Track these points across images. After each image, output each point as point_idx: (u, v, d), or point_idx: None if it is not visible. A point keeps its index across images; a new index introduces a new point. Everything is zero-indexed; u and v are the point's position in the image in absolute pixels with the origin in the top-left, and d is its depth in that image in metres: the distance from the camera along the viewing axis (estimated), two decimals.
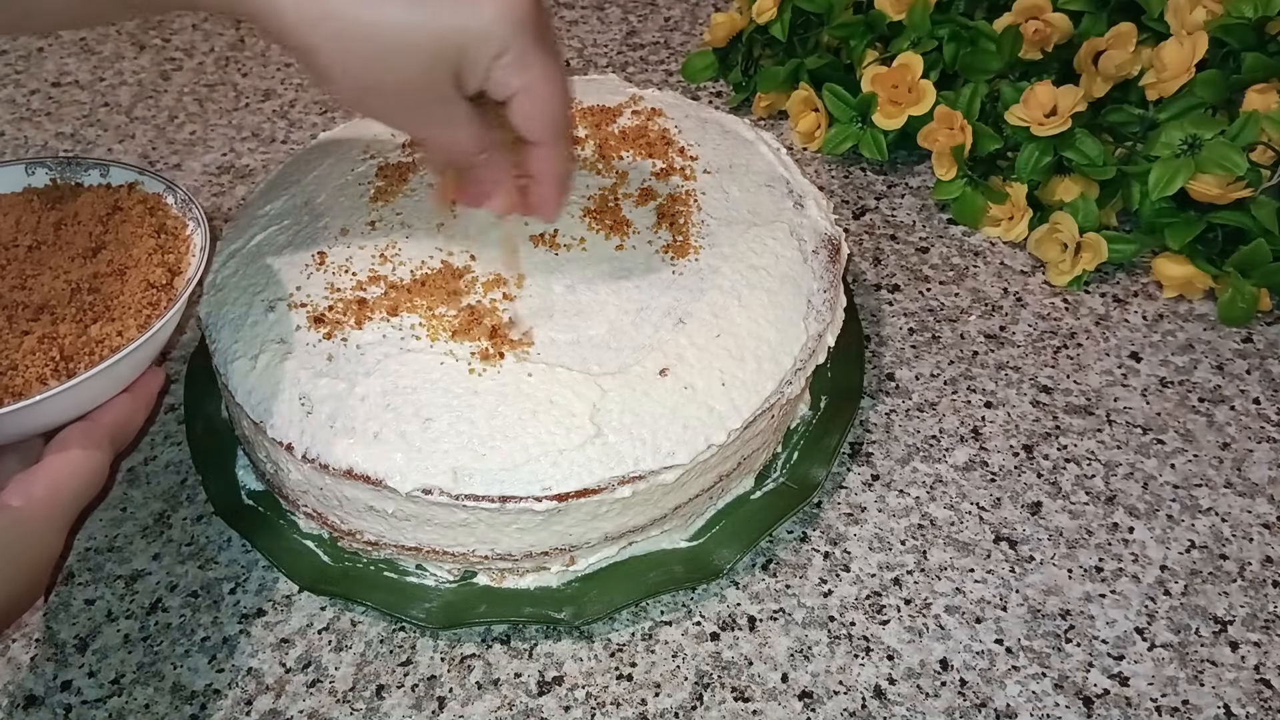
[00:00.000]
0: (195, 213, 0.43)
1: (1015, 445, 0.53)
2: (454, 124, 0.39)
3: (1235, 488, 0.51)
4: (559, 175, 0.42)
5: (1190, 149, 0.56)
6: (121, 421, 0.40)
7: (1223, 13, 0.58)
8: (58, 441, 0.38)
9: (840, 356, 0.53)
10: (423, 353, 0.44)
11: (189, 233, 0.43)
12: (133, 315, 0.40)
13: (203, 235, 0.42)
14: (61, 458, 0.38)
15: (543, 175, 0.42)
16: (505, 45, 0.36)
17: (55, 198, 0.45)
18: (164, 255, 0.42)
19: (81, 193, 0.45)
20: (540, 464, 0.41)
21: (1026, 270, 0.63)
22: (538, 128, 0.39)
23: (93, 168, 0.46)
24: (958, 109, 0.63)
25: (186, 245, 0.43)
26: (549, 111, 0.39)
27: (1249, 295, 0.57)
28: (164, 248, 0.43)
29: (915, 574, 0.47)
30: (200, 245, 0.42)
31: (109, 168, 0.46)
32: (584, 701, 0.43)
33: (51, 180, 0.46)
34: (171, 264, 0.42)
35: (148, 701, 0.43)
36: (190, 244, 0.43)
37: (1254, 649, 0.44)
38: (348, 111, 0.77)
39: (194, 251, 0.42)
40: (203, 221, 0.43)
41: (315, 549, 0.47)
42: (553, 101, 0.39)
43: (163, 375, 0.42)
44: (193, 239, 0.43)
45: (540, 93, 0.38)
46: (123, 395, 0.40)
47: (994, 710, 0.42)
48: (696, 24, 0.88)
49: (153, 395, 0.41)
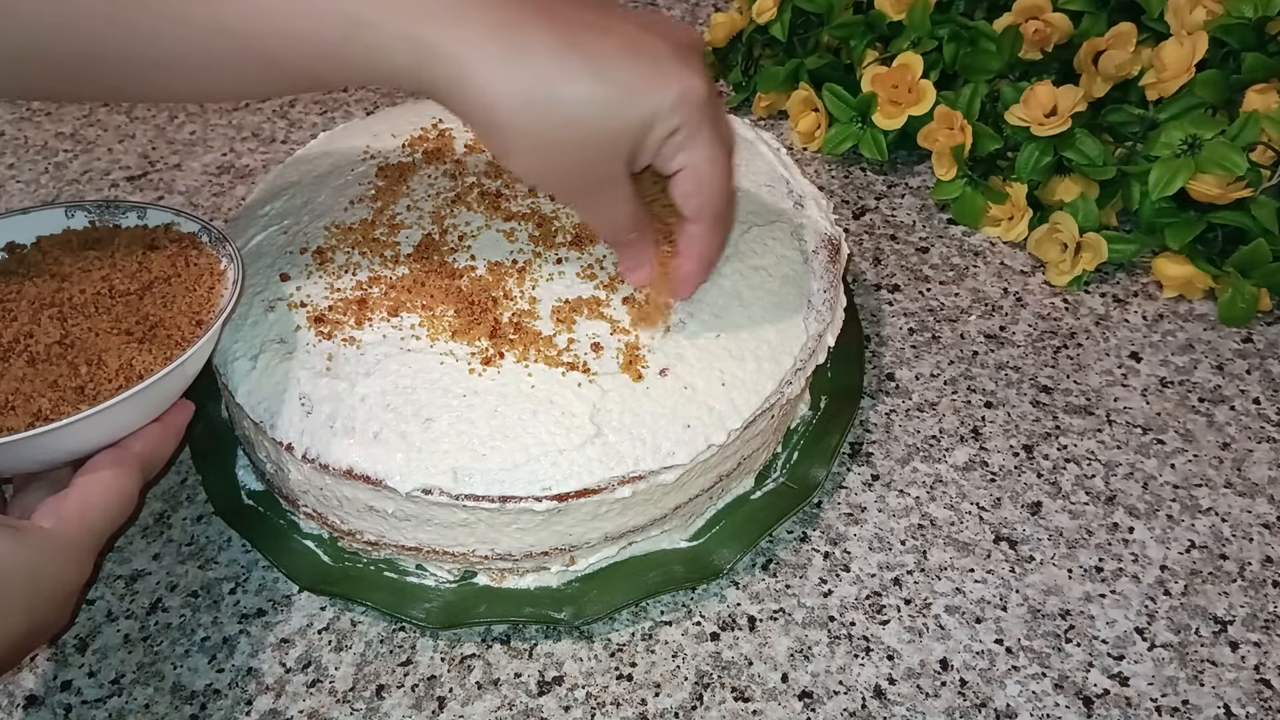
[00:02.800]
0: (229, 249, 0.45)
1: (1015, 445, 0.53)
2: (618, 203, 0.39)
3: (1235, 488, 0.51)
4: (706, 255, 0.43)
5: (1190, 149, 0.56)
6: (151, 449, 0.40)
7: (1223, 13, 0.58)
8: (89, 465, 0.38)
9: (840, 356, 0.53)
10: (423, 353, 0.44)
11: (223, 268, 0.45)
12: (164, 347, 0.41)
13: (235, 270, 0.44)
14: (93, 479, 0.37)
15: (690, 253, 0.43)
16: (680, 124, 0.36)
17: (94, 238, 0.46)
18: (197, 290, 0.43)
19: (119, 233, 0.47)
20: (540, 464, 0.41)
21: (1026, 270, 0.63)
22: (694, 205, 0.40)
23: (130, 210, 0.47)
24: (958, 109, 0.63)
25: (219, 279, 0.44)
26: (709, 192, 0.39)
27: (1249, 295, 0.57)
28: (198, 283, 0.44)
29: (915, 574, 0.47)
30: (233, 279, 0.43)
31: (146, 210, 0.47)
32: (584, 701, 0.43)
33: (90, 223, 0.47)
34: (204, 298, 0.43)
35: (148, 701, 0.43)
36: (224, 278, 0.44)
37: (1254, 649, 0.44)
38: (348, 111, 0.77)
39: (226, 285, 0.44)
40: (236, 257, 0.44)
41: (315, 549, 0.47)
42: (714, 183, 0.39)
43: (192, 407, 0.42)
44: (226, 273, 0.44)
45: (704, 172, 0.38)
46: (153, 424, 0.40)
47: (994, 710, 0.42)
48: (696, 24, 0.88)
49: (181, 427, 0.42)
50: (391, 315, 0.45)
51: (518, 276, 0.47)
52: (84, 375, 0.39)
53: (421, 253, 0.48)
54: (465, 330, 0.44)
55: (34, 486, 0.40)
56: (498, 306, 0.45)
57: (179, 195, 0.70)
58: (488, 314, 0.45)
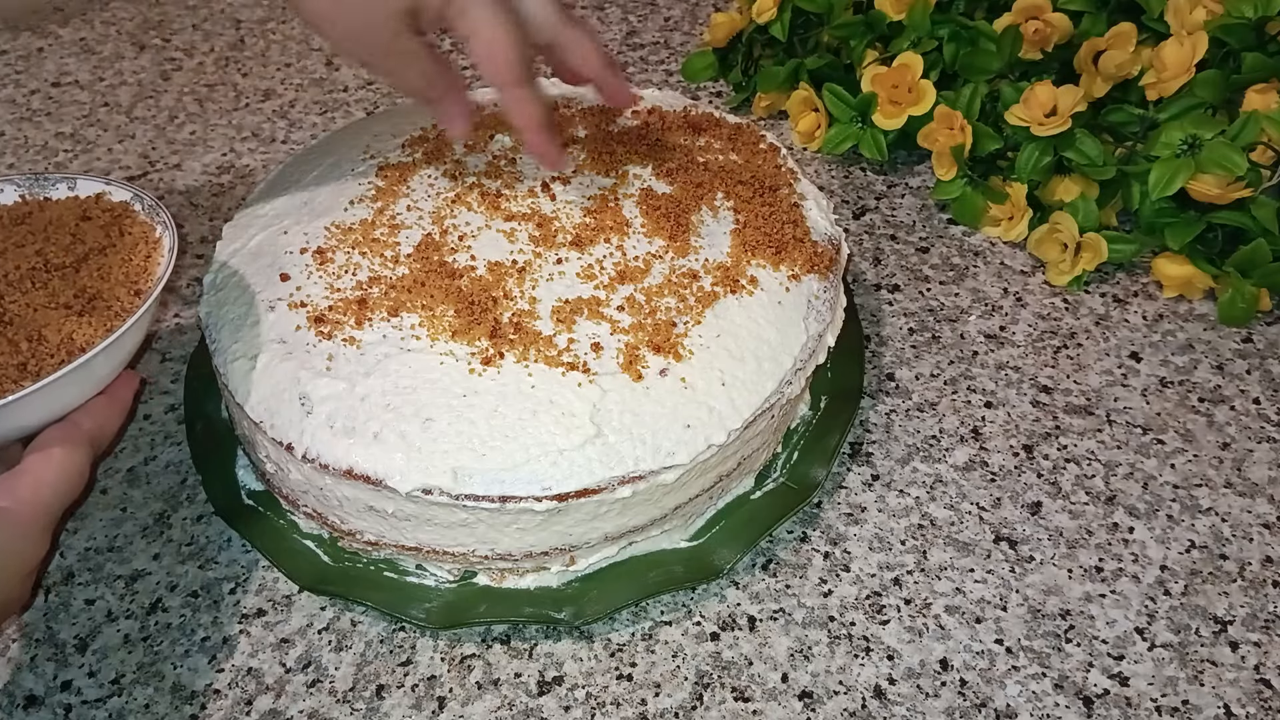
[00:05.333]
0: (163, 216, 0.44)
1: (1015, 445, 0.53)
2: (411, 62, 0.43)
3: (1235, 488, 0.51)
4: (532, 119, 0.44)
5: (1190, 149, 0.56)
6: (99, 424, 0.40)
7: (1223, 13, 0.58)
8: (38, 442, 0.39)
9: (840, 356, 0.53)
10: (423, 353, 0.44)
11: (158, 235, 0.44)
12: (104, 318, 0.40)
13: (171, 238, 0.43)
14: (43, 457, 0.38)
15: (519, 123, 0.44)
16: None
17: (25, 212, 0.46)
18: (133, 259, 0.43)
19: (50, 205, 0.46)
20: (540, 464, 0.41)
21: (1026, 270, 0.63)
22: (489, 71, 0.42)
23: (60, 181, 0.47)
24: (958, 109, 0.63)
25: (155, 248, 0.44)
26: (495, 55, 0.42)
27: (1249, 295, 0.57)
28: (133, 252, 0.44)
29: (915, 574, 0.47)
30: (169, 247, 0.43)
31: (76, 180, 0.47)
32: (584, 701, 0.43)
33: (20, 197, 0.47)
34: (141, 267, 0.43)
35: (148, 701, 0.43)
36: (160, 246, 0.44)
37: (1254, 649, 0.44)
38: (348, 111, 0.77)
39: (163, 253, 0.43)
40: (170, 225, 0.44)
41: (315, 549, 0.47)
42: (497, 44, 0.41)
43: (138, 378, 0.43)
44: (162, 241, 0.44)
45: (485, 37, 0.41)
46: (99, 398, 0.41)
47: (994, 710, 0.42)
48: (696, 24, 0.88)
49: (128, 399, 0.42)
50: (391, 315, 0.45)
51: (518, 276, 0.47)
52: (25, 351, 0.39)
53: (421, 253, 0.48)
54: (465, 330, 0.44)
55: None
56: (498, 306, 0.45)
57: (179, 195, 0.70)
58: (488, 314, 0.45)
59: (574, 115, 0.57)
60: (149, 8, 0.91)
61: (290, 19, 0.89)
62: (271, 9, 0.91)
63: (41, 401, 0.37)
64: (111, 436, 0.41)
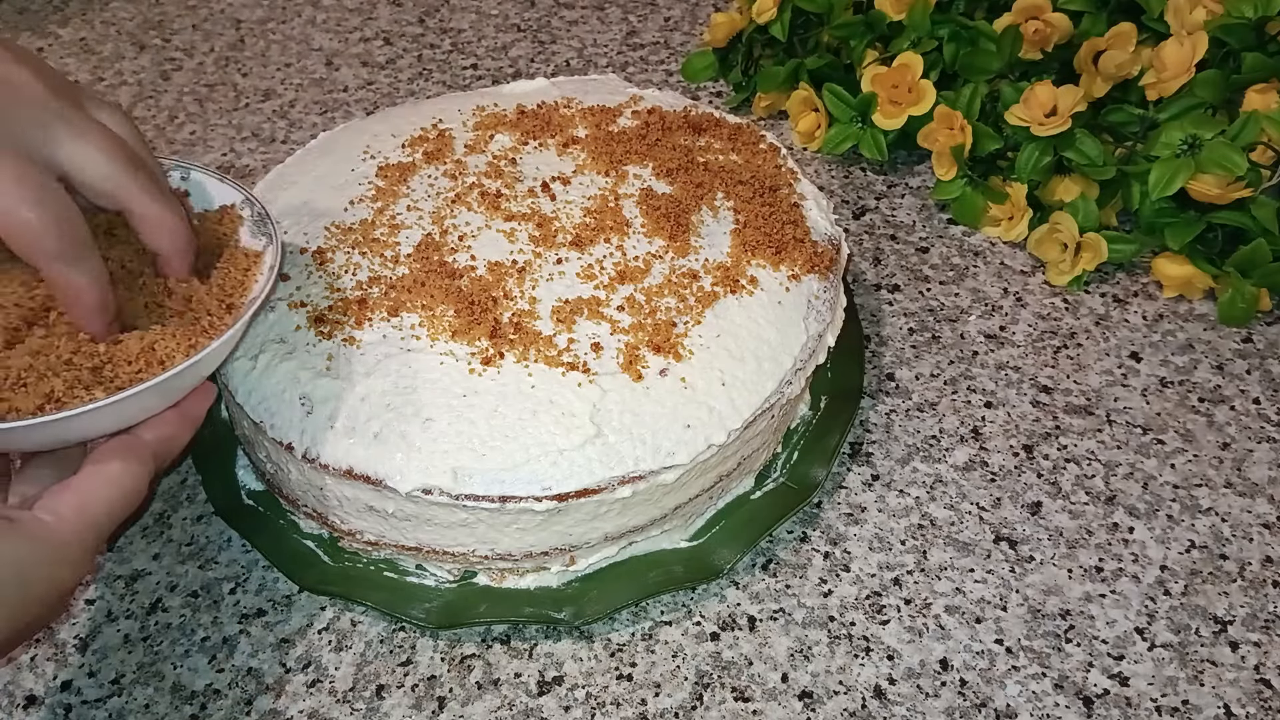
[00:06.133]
0: (269, 229, 0.42)
1: (1015, 445, 0.53)
2: None
3: (1235, 488, 0.51)
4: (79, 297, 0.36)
5: (1190, 149, 0.56)
6: (165, 438, 0.37)
7: (1223, 13, 0.58)
8: (96, 455, 0.36)
9: (840, 356, 0.53)
10: (423, 353, 0.44)
11: (260, 249, 0.42)
12: (189, 332, 0.38)
13: (274, 254, 0.41)
14: (97, 472, 0.35)
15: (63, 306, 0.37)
16: None
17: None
18: (231, 271, 0.41)
19: None
20: (540, 464, 0.41)
21: (1026, 270, 0.63)
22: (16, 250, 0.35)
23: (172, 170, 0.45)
24: (958, 109, 0.63)
25: (255, 262, 0.42)
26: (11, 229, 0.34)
27: (1249, 295, 0.57)
28: (232, 263, 0.41)
29: (915, 574, 0.47)
30: (270, 265, 0.41)
31: (189, 170, 0.45)
32: (584, 701, 0.43)
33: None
34: (237, 281, 0.41)
35: (148, 701, 0.43)
36: (259, 262, 0.42)
37: (1254, 649, 0.44)
38: (348, 111, 0.77)
39: (263, 270, 0.41)
40: (276, 239, 0.42)
41: (315, 549, 0.47)
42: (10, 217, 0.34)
43: (214, 392, 0.40)
44: (263, 257, 0.42)
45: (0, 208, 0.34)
46: (170, 412, 0.38)
47: (994, 710, 0.42)
48: (696, 24, 0.88)
49: (200, 415, 0.39)
50: (391, 315, 0.45)
51: (518, 276, 0.47)
52: (102, 354, 0.36)
53: (421, 253, 0.48)
54: (465, 330, 0.44)
55: (40, 463, 0.37)
56: (498, 306, 0.45)
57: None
58: (488, 314, 0.45)
59: (574, 115, 0.57)
60: (149, 8, 0.91)
61: (290, 19, 0.89)
62: (271, 9, 0.91)
63: (110, 414, 0.35)
64: (178, 453, 0.38)
